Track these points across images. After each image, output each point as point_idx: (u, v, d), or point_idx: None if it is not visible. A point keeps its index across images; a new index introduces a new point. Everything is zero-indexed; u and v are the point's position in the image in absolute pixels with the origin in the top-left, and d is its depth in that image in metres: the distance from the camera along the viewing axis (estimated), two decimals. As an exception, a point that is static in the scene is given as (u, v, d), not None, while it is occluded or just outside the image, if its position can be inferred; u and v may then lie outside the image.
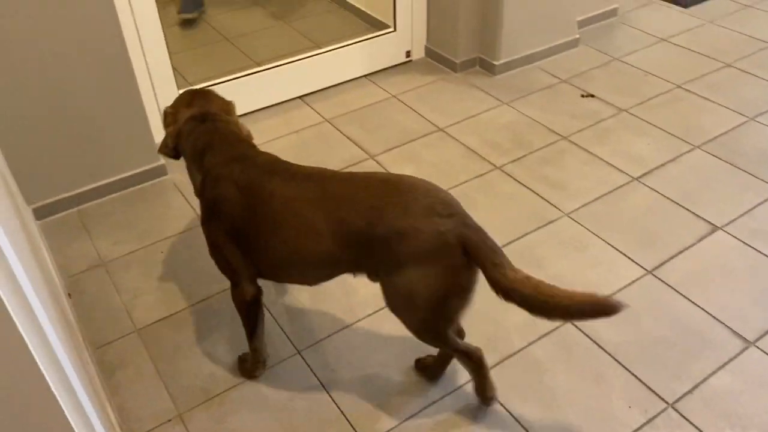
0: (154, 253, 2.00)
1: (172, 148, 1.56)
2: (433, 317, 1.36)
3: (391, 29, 2.85)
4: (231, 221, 1.41)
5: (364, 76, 2.83)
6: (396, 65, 2.89)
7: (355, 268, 1.41)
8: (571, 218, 2.07)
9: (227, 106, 1.60)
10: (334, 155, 2.37)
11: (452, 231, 1.27)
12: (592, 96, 2.65)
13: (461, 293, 1.33)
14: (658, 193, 2.15)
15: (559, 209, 2.11)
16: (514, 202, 2.15)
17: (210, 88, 1.70)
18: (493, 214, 2.10)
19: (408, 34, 2.87)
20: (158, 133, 2.33)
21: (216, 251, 1.49)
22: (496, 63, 2.78)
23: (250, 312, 1.55)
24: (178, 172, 2.31)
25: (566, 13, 2.86)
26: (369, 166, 2.32)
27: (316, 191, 1.35)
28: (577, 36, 2.96)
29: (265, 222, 1.38)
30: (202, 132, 1.50)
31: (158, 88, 2.34)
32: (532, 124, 2.51)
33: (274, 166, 1.43)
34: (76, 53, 1.93)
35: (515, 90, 2.71)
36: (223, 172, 1.42)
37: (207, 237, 1.50)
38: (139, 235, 2.06)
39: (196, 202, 2.16)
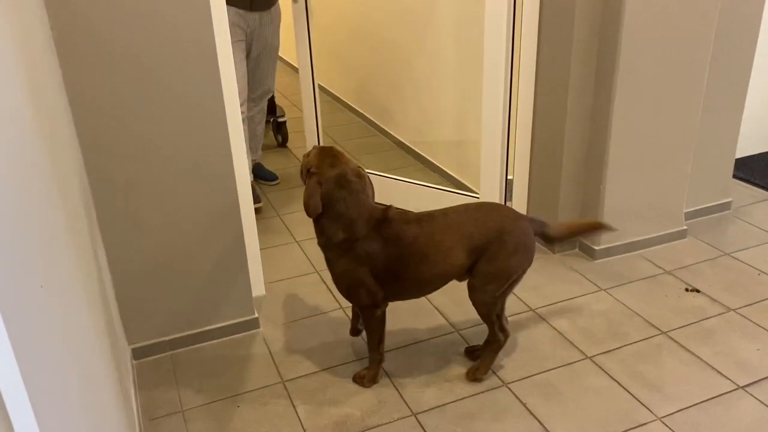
0: (231, 406, 2.04)
1: (319, 205, 1.86)
2: (506, 287, 1.98)
3: (476, 195, 2.96)
4: (382, 264, 1.90)
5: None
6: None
7: (467, 272, 1.99)
8: (664, 423, 1.91)
9: (358, 169, 1.93)
10: (419, 323, 2.38)
11: (530, 226, 1.99)
12: (698, 291, 2.53)
13: (523, 271, 2.00)
14: (767, 406, 1.95)
15: (652, 412, 1.96)
16: (603, 398, 2.02)
17: (339, 148, 1.98)
18: (577, 408, 1.98)
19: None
20: (255, 287, 2.47)
21: (358, 288, 1.94)
22: (596, 248, 2.76)
23: (382, 324, 2.05)
24: (269, 326, 2.41)
25: (673, 204, 2.82)
26: (453, 340, 2.30)
27: (444, 224, 1.94)
28: (685, 227, 2.89)
29: (415, 256, 1.90)
30: (348, 201, 1.86)
31: (262, 248, 2.51)
32: (629, 314, 2.41)
33: (405, 217, 1.94)
34: (195, 214, 2.14)
35: (615, 277, 2.64)
36: (372, 233, 1.88)
37: (351, 279, 1.94)
38: (221, 386, 2.12)
39: (279, 360, 2.23)
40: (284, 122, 4.25)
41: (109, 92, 1.91)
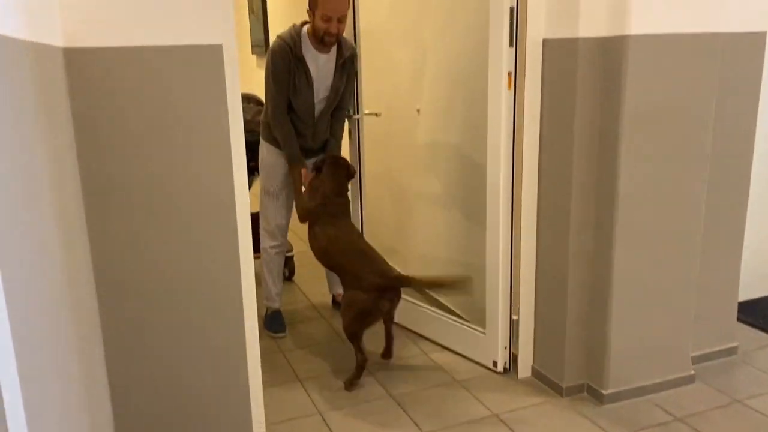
0: None
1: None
2: (354, 322, 2.84)
3: (483, 332, 3.00)
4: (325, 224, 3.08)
5: (457, 381, 2.85)
6: (500, 384, 2.90)
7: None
8: None
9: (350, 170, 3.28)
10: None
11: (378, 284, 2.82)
12: (711, 441, 2.46)
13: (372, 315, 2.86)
14: None
15: None
16: None
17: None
18: None
19: (496, 341, 2.98)
20: (256, 428, 2.41)
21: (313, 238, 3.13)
22: (604, 392, 2.71)
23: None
24: (269, 471, 2.32)
25: (679, 348, 2.81)
26: None
27: (350, 229, 3.10)
28: (692, 372, 2.85)
29: (330, 226, 3.06)
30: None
31: (265, 387, 2.47)
32: (642, 464, 2.33)
33: (342, 219, 3.15)
34: (200, 351, 2.15)
35: (624, 423, 2.58)
36: (327, 216, 3.09)
37: (311, 236, 3.13)
38: None
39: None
40: (292, 256, 4.32)
41: (128, 234, 1.99)
